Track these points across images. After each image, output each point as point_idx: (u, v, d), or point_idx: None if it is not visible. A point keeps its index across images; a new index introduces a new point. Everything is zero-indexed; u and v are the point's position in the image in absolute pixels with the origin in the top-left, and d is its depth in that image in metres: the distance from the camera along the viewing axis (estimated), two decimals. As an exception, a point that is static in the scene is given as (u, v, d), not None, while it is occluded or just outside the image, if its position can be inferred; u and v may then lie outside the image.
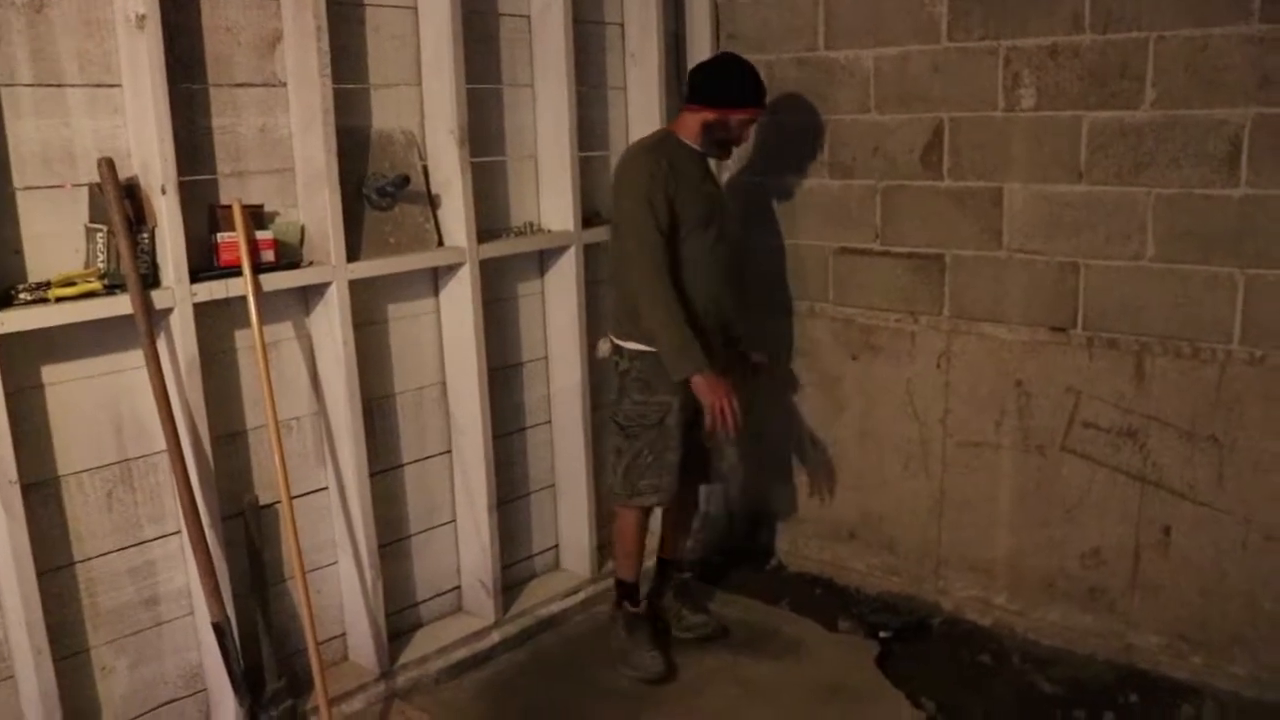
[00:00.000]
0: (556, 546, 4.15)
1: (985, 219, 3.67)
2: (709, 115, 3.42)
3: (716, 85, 3.44)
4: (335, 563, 3.39)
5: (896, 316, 3.93)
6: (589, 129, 3.95)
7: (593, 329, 3.93)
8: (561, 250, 3.81)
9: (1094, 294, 3.50)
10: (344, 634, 3.46)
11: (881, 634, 3.80)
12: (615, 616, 3.73)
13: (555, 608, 3.93)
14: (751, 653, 3.68)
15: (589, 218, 3.90)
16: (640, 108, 4.08)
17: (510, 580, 3.92)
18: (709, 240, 3.44)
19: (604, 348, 3.59)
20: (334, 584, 3.40)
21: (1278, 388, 3.24)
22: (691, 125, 3.45)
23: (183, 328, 2.80)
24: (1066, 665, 3.67)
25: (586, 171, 3.91)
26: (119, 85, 2.74)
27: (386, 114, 3.38)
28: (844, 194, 3.99)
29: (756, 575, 4.33)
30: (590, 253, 3.90)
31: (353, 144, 3.23)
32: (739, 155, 3.99)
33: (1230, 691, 3.44)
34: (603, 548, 4.16)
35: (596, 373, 3.98)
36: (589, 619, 3.95)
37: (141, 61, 2.66)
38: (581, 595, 4.02)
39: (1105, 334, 3.49)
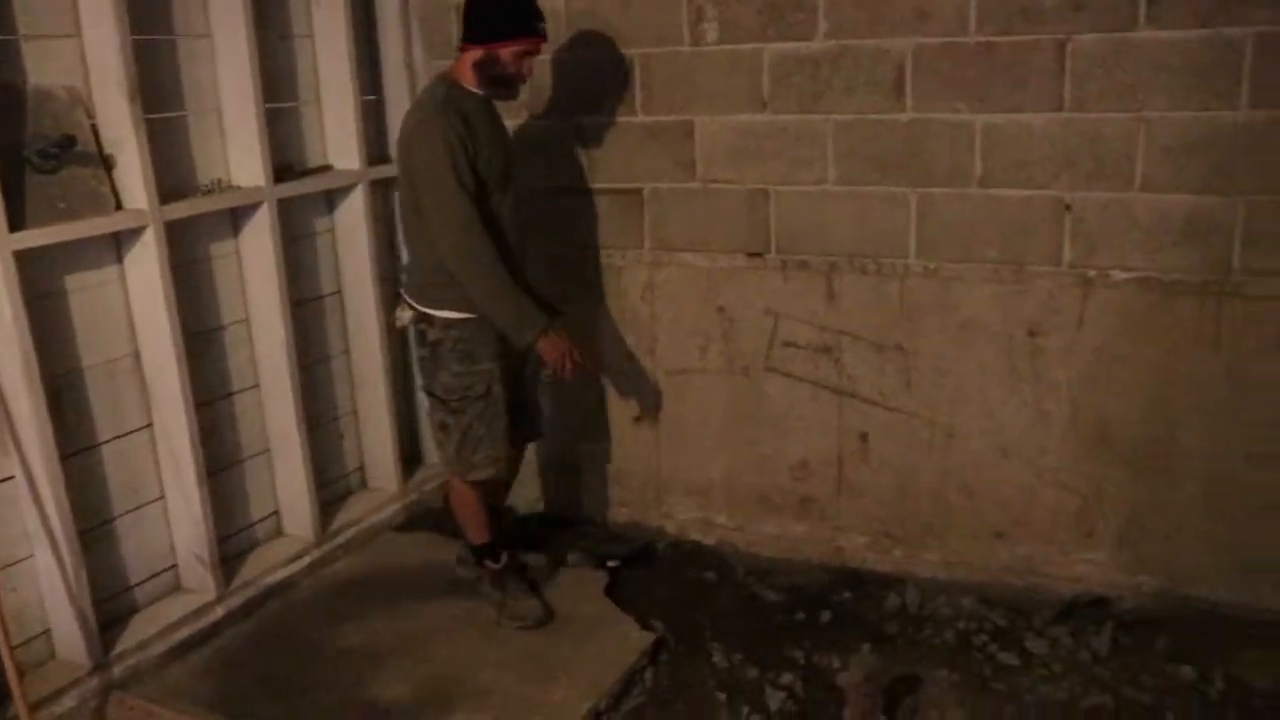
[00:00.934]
0: (277, 512, 4.01)
1: (679, 151, 3.77)
2: (477, 53, 3.17)
3: (478, 19, 3.18)
4: (31, 556, 3.14)
5: (603, 252, 4.00)
6: (276, 79, 3.79)
7: (294, 286, 3.80)
8: (254, 207, 3.63)
9: (784, 219, 3.67)
10: (48, 630, 3.23)
11: (610, 563, 3.90)
12: (480, 579, 3.62)
13: (280, 575, 3.81)
14: (484, 596, 3.70)
15: (281, 172, 3.75)
16: (330, 54, 3.93)
17: (231, 551, 3.77)
18: (510, 197, 3.31)
19: (404, 316, 3.40)
20: (32, 579, 3.16)
21: (950, 297, 3.52)
22: (465, 68, 3.22)
23: None
24: (786, 573, 3.89)
25: (277, 124, 3.74)
26: None
27: (44, 68, 3.10)
28: (547, 133, 4.00)
29: (486, 519, 4.35)
30: (286, 208, 3.75)
31: (5, 102, 2.97)
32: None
33: (928, 577, 3.76)
34: (325, 507, 4.07)
35: (301, 331, 3.86)
36: (316, 582, 3.86)
37: None
38: (307, 559, 3.91)
39: (797, 256, 3.68)
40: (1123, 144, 3.24)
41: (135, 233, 3.26)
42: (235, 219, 3.69)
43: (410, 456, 4.59)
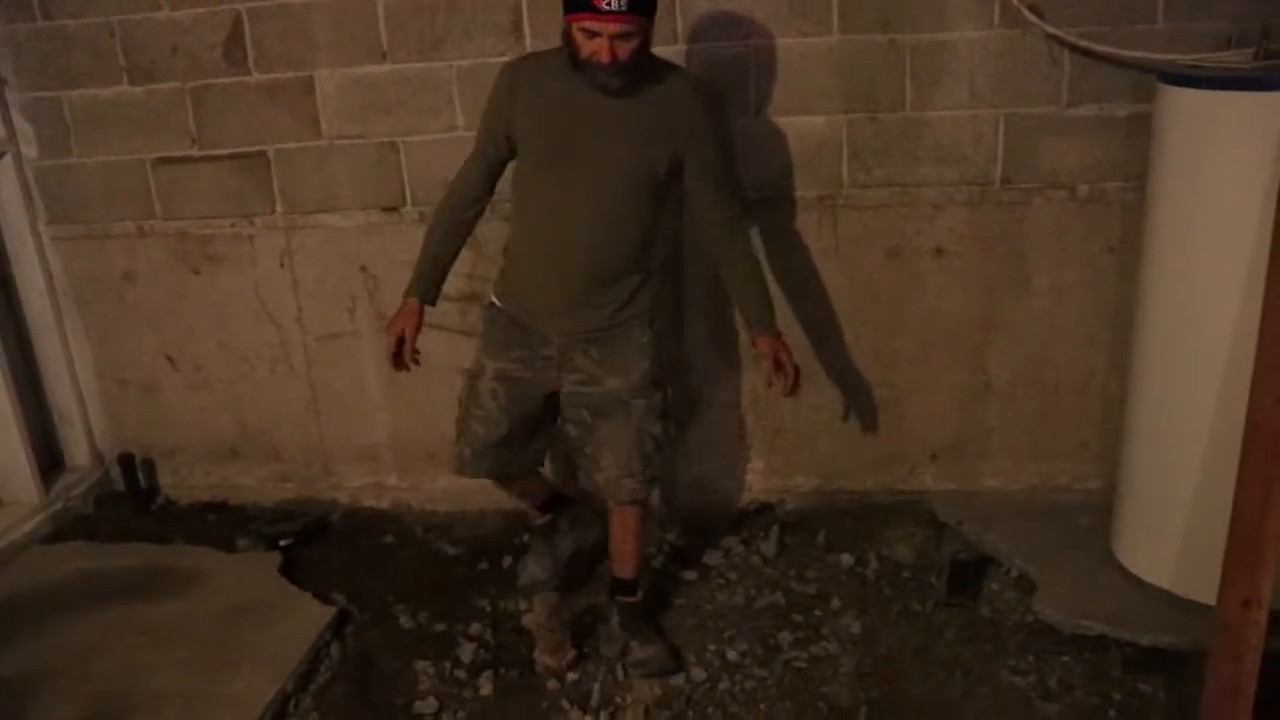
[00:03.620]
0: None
1: (301, 109, 3.60)
2: (562, 24, 2.64)
3: None
4: None
5: (231, 222, 3.78)
6: None
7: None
8: None
9: (417, 170, 3.60)
10: None
11: (282, 543, 3.75)
12: None
13: (2, 544, 3.56)
14: (149, 597, 3.47)
15: None
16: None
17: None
18: (567, 181, 2.76)
19: None
20: None
21: (591, 232, 3.56)
22: None
23: None
24: (463, 526, 3.89)
25: None
26: None
27: None
28: (150, 100, 3.71)
29: (142, 518, 4.09)
30: None
31: None
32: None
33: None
34: (53, 469, 3.83)
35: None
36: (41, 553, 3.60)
37: None
38: (31, 523, 3.66)
39: (433, 208, 3.61)
40: (735, 71, 3.38)
41: None
42: None
43: (50, 462, 4.22)
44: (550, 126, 2.74)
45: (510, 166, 2.92)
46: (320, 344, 3.87)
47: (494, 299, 3.01)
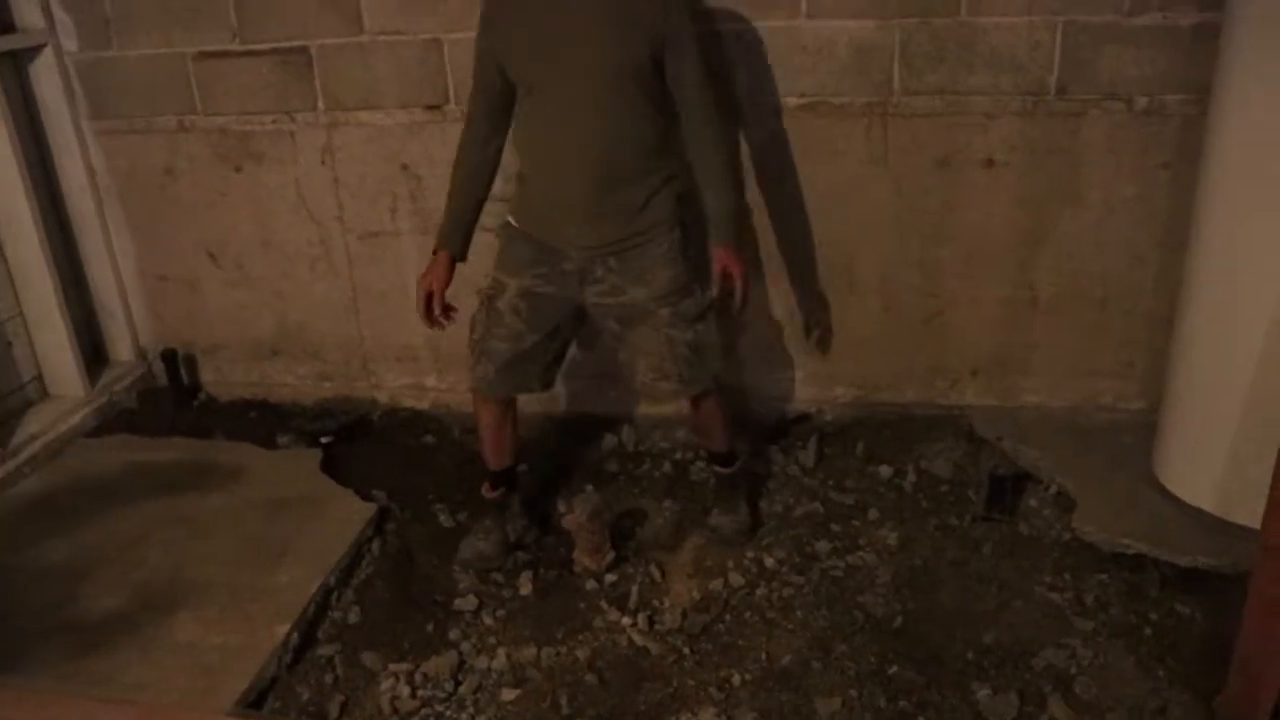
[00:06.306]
0: (39, 376, 3.81)
1: (343, 4, 3.53)
2: None
3: None
4: None
5: (272, 118, 3.74)
6: None
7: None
8: None
9: (461, 68, 3.50)
10: None
11: (323, 440, 3.79)
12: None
13: (51, 436, 3.67)
14: (193, 491, 3.54)
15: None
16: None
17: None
18: (558, 92, 2.70)
19: None
20: None
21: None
22: None
23: None
24: (502, 428, 3.90)
25: None
26: None
27: None
28: (194, -3, 3.67)
29: (184, 413, 4.13)
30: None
31: None
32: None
33: (643, 414, 3.87)
34: (97, 364, 3.97)
35: None
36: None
37: None
38: (78, 416, 3.77)
39: (479, 107, 3.57)
40: (786, -28, 3.28)
41: None
42: None
43: (95, 356, 4.27)
44: (531, 43, 2.69)
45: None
46: (361, 243, 3.86)
47: (510, 220, 2.94)
